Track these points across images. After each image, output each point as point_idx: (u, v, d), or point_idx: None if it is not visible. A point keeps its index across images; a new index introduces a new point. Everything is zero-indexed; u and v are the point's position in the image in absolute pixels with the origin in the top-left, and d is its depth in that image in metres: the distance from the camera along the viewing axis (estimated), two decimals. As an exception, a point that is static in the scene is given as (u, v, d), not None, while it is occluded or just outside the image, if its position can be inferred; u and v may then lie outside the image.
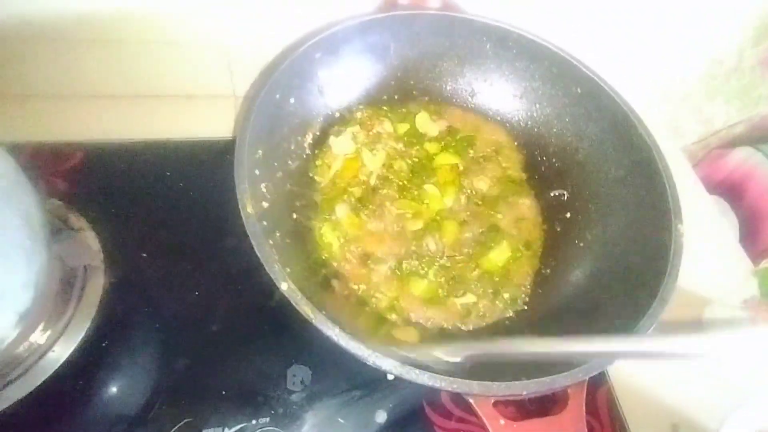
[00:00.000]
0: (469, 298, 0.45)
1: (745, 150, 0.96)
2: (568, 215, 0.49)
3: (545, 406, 0.37)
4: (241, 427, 0.43)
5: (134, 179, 0.55)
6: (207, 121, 0.60)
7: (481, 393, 0.30)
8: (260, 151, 0.40)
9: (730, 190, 0.98)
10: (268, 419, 0.43)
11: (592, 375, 0.32)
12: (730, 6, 0.70)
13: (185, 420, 0.43)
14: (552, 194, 0.51)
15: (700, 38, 0.73)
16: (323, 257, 0.45)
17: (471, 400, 0.33)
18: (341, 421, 0.45)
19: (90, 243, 0.49)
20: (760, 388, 0.51)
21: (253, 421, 0.43)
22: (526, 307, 0.46)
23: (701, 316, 0.55)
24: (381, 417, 0.45)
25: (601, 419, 0.48)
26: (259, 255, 0.33)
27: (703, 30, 0.72)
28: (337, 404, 0.46)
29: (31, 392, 0.41)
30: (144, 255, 0.50)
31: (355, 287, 0.44)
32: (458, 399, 0.46)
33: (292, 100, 0.45)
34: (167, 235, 0.52)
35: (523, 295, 0.47)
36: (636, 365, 0.52)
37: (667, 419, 0.50)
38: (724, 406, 0.50)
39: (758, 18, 0.74)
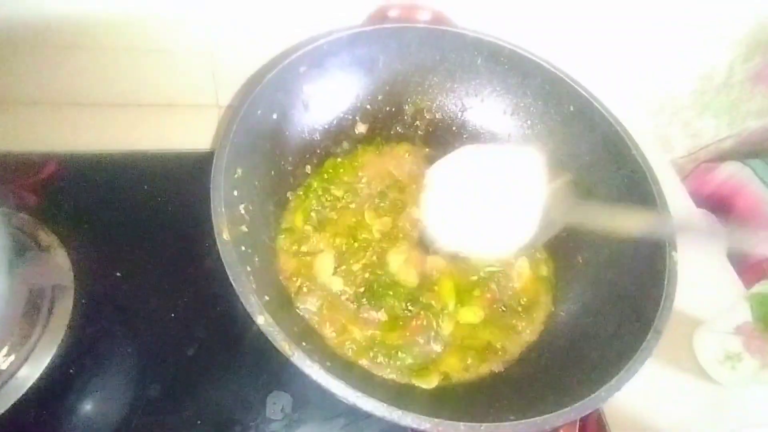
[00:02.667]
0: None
1: (733, 164, 0.96)
2: (564, 234, 0.48)
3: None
4: (217, 459, 0.41)
5: (110, 193, 0.53)
6: (189, 131, 0.58)
7: (468, 435, 0.28)
8: (240, 170, 0.38)
9: (719, 204, 0.98)
10: (246, 451, 0.41)
11: (584, 415, 0.31)
12: (720, 24, 0.70)
13: (158, 452, 0.41)
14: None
15: (690, 55, 0.74)
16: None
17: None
18: (323, 451, 0.43)
19: (60, 261, 0.47)
20: (756, 413, 0.51)
21: (230, 453, 0.41)
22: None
23: (691, 337, 0.55)
24: (364, 447, 0.44)
25: (592, 446, 0.47)
26: (235, 286, 0.31)
27: (693, 47, 0.72)
28: (320, 434, 0.44)
29: (-6, 420, 0.39)
30: (117, 274, 0.48)
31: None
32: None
33: (275, 116, 0.43)
34: (143, 254, 0.50)
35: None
36: (627, 392, 0.50)
37: (658, 445, 0.49)
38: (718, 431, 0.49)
39: (746, 36, 0.74)
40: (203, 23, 0.53)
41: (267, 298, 0.34)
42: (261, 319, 0.30)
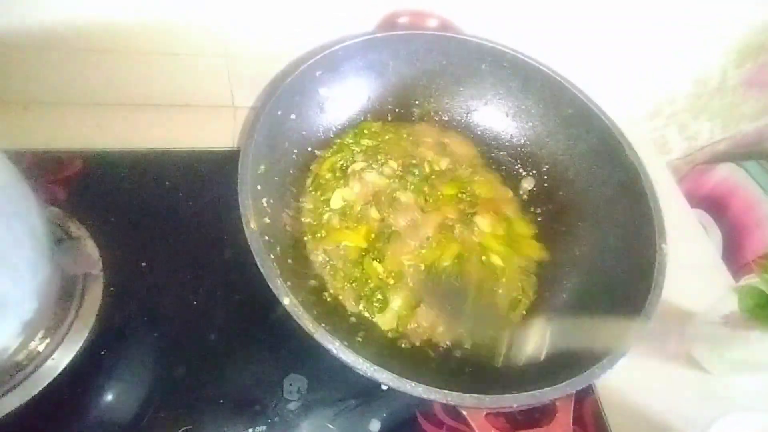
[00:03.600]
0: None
1: (728, 166, 0.99)
2: (563, 229, 0.51)
3: (534, 417, 0.39)
4: (238, 435, 0.44)
5: (133, 188, 0.56)
6: (206, 131, 0.61)
7: (474, 405, 0.31)
8: (263, 167, 0.41)
9: (714, 205, 1.01)
10: (264, 428, 0.44)
11: (579, 389, 0.34)
12: (714, 29, 0.72)
13: (183, 428, 0.43)
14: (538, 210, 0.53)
15: (685, 60, 0.76)
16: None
17: (464, 412, 0.35)
18: (336, 429, 0.46)
19: (89, 251, 0.49)
20: (743, 399, 0.53)
21: (250, 430, 0.44)
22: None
23: (683, 330, 0.57)
24: (375, 426, 0.46)
25: (588, 430, 0.50)
26: (262, 270, 0.34)
27: (688, 52, 0.75)
28: (333, 413, 0.46)
29: (30, 399, 0.41)
30: (143, 264, 0.51)
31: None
32: (450, 409, 0.48)
33: (293, 116, 0.46)
34: (166, 244, 0.52)
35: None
36: (622, 380, 0.53)
37: (653, 430, 0.52)
38: (709, 417, 0.52)
39: (740, 41, 0.77)
40: (219, 28, 0.56)
41: (289, 283, 0.37)
42: (287, 300, 0.33)
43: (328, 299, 0.45)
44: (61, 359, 0.44)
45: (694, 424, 0.51)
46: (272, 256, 0.37)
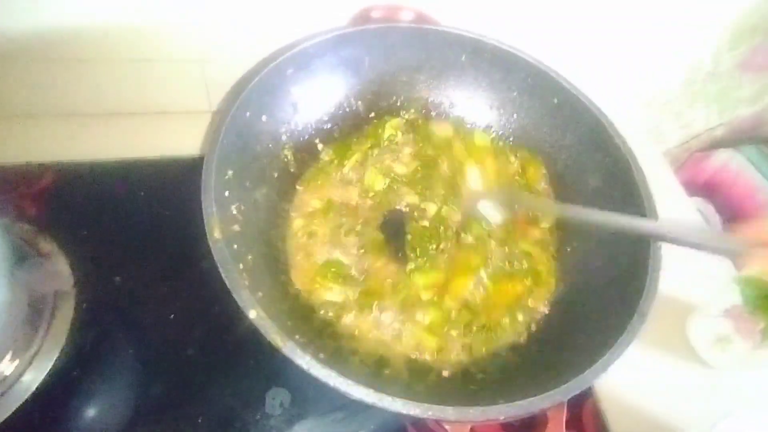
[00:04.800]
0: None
1: (726, 152, 0.97)
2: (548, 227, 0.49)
3: (524, 426, 0.37)
4: (219, 455, 0.42)
5: (107, 200, 0.54)
6: (183, 137, 0.59)
7: (458, 419, 0.29)
8: (230, 172, 0.39)
9: (714, 192, 0.99)
10: (246, 445, 0.42)
11: (570, 397, 0.32)
12: (706, 13, 0.70)
13: (161, 449, 0.41)
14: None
15: (678, 45, 0.74)
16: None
17: (448, 427, 0.32)
18: (322, 444, 0.44)
19: (60, 268, 0.48)
20: (745, 400, 0.51)
21: (231, 448, 0.42)
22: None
23: (684, 324, 0.55)
24: (363, 439, 0.44)
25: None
26: (226, 281, 0.32)
27: (680, 37, 0.73)
28: (318, 427, 0.45)
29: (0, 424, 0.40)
30: (117, 279, 0.49)
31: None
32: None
33: (264, 118, 0.44)
34: (141, 258, 0.51)
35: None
36: (621, 378, 0.51)
37: (654, 430, 0.50)
38: (712, 414, 0.49)
39: (732, 24, 0.75)
40: (193, 33, 0.55)
41: (261, 294, 0.35)
42: (253, 313, 0.31)
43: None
44: (32, 380, 0.43)
45: (697, 421, 0.49)
46: (242, 266, 0.35)
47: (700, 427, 0.48)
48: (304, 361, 0.30)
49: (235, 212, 0.39)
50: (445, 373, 0.39)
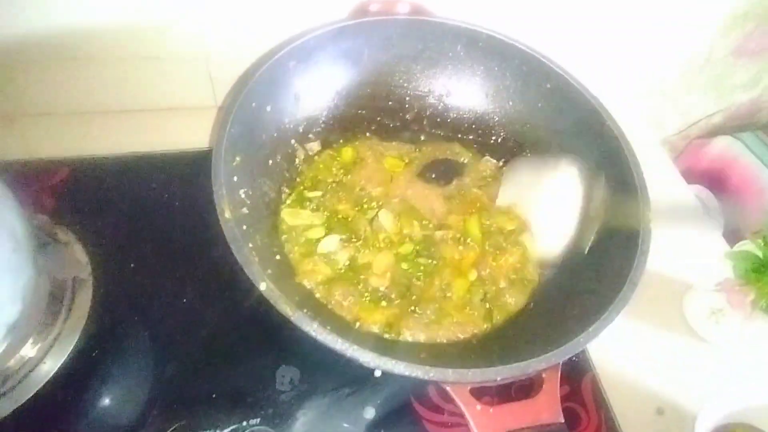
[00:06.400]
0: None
1: (724, 139, 0.98)
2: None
3: (521, 390, 0.39)
4: (232, 429, 0.44)
5: (120, 192, 0.56)
6: (190, 132, 0.61)
7: (457, 381, 0.31)
8: (238, 158, 0.41)
9: (713, 179, 1.00)
10: (258, 420, 0.44)
11: (565, 359, 0.33)
12: (700, 1, 0.72)
13: (177, 424, 0.43)
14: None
15: (672, 33, 0.75)
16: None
17: (448, 388, 0.34)
18: (331, 418, 0.46)
19: (78, 256, 0.50)
20: (739, 372, 0.53)
21: (244, 422, 0.44)
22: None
23: (682, 301, 0.57)
24: (370, 413, 0.46)
25: (588, 407, 0.49)
26: (237, 257, 0.34)
27: (674, 25, 0.74)
28: (326, 402, 0.46)
29: (22, 405, 0.42)
30: (131, 265, 0.51)
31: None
32: (445, 393, 0.47)
33: (268, 108, 0.46)
34: (154, 246, 0.53)
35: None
36: (619, 353, 0.53)
37: (652, 404, 0.51)
38: (706, 390, 0.51)
39: (725, 11, 0.76)
40: (198, 30, 0.57)
41: (269, 271, 0.37)
42: (263, 285, 0.33)
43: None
44: (53, 363, 0.45)
45: (693, 397, 0.51)
46: (250, 245, 0.37)
47: (697, 398, 0.49)
48: (312, 328, 0.32)
49: (243, 196, 0.41)
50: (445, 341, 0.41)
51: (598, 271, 0.41)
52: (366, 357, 0.31)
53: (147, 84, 0.62)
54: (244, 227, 0.38)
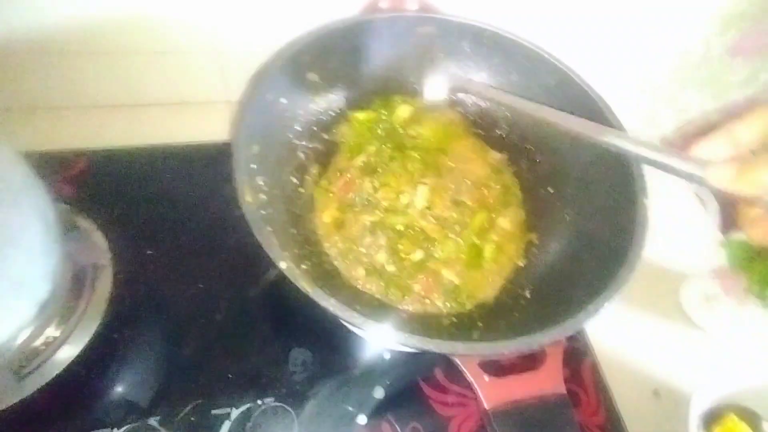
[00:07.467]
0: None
1: (721, 136, 1.00)
2: (551, 191, 0.53)
3: (525, 363, 0.41)
4: (247, 407, 0.46)
5: (137, 182, 0.58)
6: (203, 125, 0.63)
7: (466, 353, 0.33)
8: (256, 147, 0.43)
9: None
10: (272, 399, 0.46)
11: (568, 335, 0.35)
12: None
13: (194, 402, 0.45)
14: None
15: (668, 31, 0.77)
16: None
17: (457, 360, 0.36)
18: (341, 397, 0.48)
19: (98, 243, 0.52)
20: (732, 356, 0.55)
21: (259, 401, 0.46)
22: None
23: (678, 291, 0.59)
24: (379, 393, 0.48)
25: (587, 388, 0.52)
26: (258, 238, 0.35)
27: (670, 23, 0.76)
28: (337, 383, 0.49)
29: (47, 383, 0.43)
30: (149, 252, 0.53)
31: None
32: (451, 374, 0.50)
33: (283, 101, 0.48)
34: (170, 234, 0.55)
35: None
36: (618, 338, 0.55)
37: (649, 386, 0.53)
38: (700, 374, 0.53)
39: (722, 9, 0.78)
40: (209, 25, 0.58)
41: (287, 253, 0.39)
42: (283, 264, 0.35)
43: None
44: (76, 344, 0.46)
45: (689, 379, 0.53)
46: (269, 228, 0.39)
47: (691, 383, 0.51)
48: (329, 303, 0.34)
49: (261, 183, 0.42)
50: (452, 320, 0.43)
51: (599, 253, 0.43)
52: (382, 330, 0.33)
53: (159, 78, 0.64)
54: (263, 212, 0.40)
